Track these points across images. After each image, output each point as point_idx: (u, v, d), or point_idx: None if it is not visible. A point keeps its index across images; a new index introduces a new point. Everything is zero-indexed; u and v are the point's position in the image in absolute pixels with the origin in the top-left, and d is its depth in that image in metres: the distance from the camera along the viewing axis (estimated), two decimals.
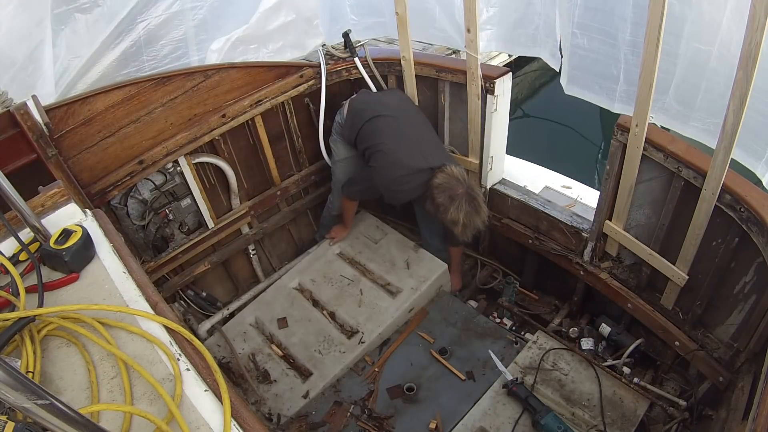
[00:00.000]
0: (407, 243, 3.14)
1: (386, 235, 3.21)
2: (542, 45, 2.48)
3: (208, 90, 2.66)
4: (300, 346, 2.77)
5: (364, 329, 2.77)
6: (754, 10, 1.51)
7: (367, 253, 3.14)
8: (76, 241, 1.56)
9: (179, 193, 2.85)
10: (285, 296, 3.02)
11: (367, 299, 2.91)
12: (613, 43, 2.07)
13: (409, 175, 2.61)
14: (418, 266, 3.00)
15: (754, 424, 1.47)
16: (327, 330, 2.81)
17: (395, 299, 2.87)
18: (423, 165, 2.59)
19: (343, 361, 2.66)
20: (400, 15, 2.64)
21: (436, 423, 2.40)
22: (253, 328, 2.94)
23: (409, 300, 2.85)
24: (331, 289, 3.00)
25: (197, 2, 2.76)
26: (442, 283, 3.01)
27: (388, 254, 3.10)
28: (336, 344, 2.74)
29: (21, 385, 0.80)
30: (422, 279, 2.93)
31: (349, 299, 2.93)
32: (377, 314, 2.82)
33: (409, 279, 2.94)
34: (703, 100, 1.94)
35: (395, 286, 2.94)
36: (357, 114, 2.80)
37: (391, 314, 2.80)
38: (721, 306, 2.24)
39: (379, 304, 2.86)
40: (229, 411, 1.19)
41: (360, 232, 3.26)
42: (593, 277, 2.73)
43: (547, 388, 2.49)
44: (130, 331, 1.38)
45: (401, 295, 2.88)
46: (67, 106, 2.26)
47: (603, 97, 2.23)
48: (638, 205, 2.39)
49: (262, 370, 2.72)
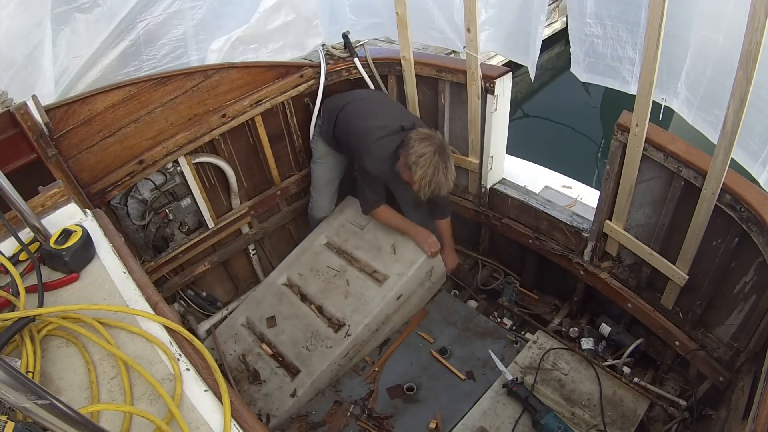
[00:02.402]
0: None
1: (372, 219, 3.07)
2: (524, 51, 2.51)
3: (208, 90, 2.66)
4: (288, 344, 2.75)
5: (350, 321, 2.71)
6: (754, 10, 1.51)
7: (353, 241, 3.05)
8: (76, 241, 1.56)
9: (179, 193, 2.85)
10: (274, 294, 2.99)
11: (354, 290, 2.83)
12: (628, 27, 2.10)
13: (387, 137, 2.66)
14: (405, 249, 2.89)
15: (754, 424, 1.46)
16: (315, 325, 2.77)
17: (382, 287, 2.79)
18: (395, 125, 2.67)
19: (329, 356, 2.61)
20: (400, 15, 2.64)
21: (436, 423, 2.40)
22: (244, 328, 2.94)
23: (395, 287, 2.76)
24: (319, 282, 2.94)
25: (197, 2, 2.76)
26: (432, 265, 2.90)
27: (375, 240, 2.99)
28: (323, 339, 2.70)
29: (21, 385, 0.80)
30: (408, 263, 2.83)
31: (335, 291, 2.86)
32: (363, 305, 2.75)
33: (396, 264, 2.84)
34: (708, 90, 1.95)
35: (382, 273, 2.85)
36: (331, 107, 2.92)
37: (377, 304, 2.73)
38: (721, 306, 2.24)
39: (365, 294, 2.79)
40: (229, 411, 1.19)
41: (346, 219, 3.16)
42: (593, 277, 2.73)
43: (547, 388, 2.49)
44: (130, 331, 1.38)
45: (388, 282, 2.79)
46: (67, 106, 2.26)
47: (619, 80, 2.26)
48: (638, 205, 2.39)
49: (252, 371, 2.72)
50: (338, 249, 3.08)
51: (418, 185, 2.56)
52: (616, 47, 2.19)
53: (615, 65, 2.23)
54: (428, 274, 2.91)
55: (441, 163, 2.53)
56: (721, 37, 1.81)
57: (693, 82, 2.00)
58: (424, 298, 2.99)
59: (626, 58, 2.18)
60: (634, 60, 2.15)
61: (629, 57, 2.16)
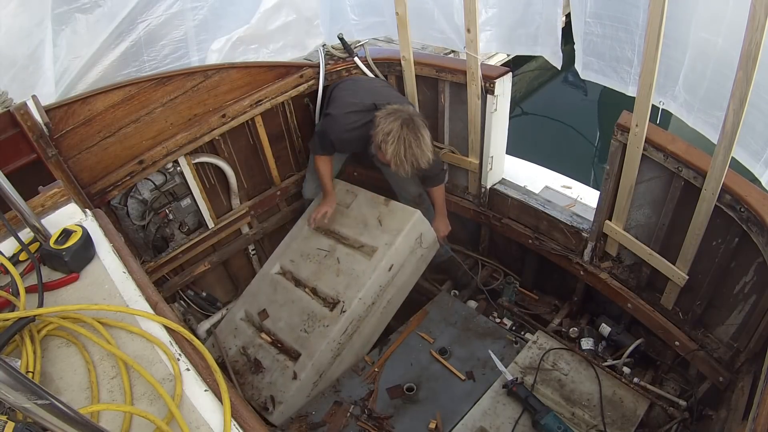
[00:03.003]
0: (377, 199, 2.97)
1: (356, 196, 3.04)
2: (543, 44, 2.49)
3: (208, 90, 2.66)
4: (286, 330, 2.76)
5: (344, 298, 2.69)
6: (754, 10, 1.51)
7: (340, 220, 3.01)
8: (76, 241, 1.56)
9: (179, 193, 2.85)
10: (268, 284, 2.99)
11: (345, 266, 2.81)
12: (626, 28, 2.10)
13: (356, 112, 2.63)
14: (391, 220, 2.84)
15: (754, 424, 1.46)
16: (310, 307, 2.76)
17: (371, 260, 2.75)
18: (369, 102, 2.64)
19: (327, 335, 2.61)
20: (400, 15, 2.64)
21: (436, 423, 2.40)
22: (243, 322, 2.95)
23: (384, 257, 2.72)
24: (310, 265, 2.92)
25: (198, 2, 2.77)
26: (421, 231, 2.84)
27: (360, 215, 2.96)
28: (319, 319, 2.69)
29: (21, 385, 0.80)
30: (395, 232, 2.77)
31: (327, 271, 2.85)
32: (355, 280, 2.72)
33: (383, 235, 2.80)
34: (708, 91, 1.95)
35: (369, 246, 2.82)
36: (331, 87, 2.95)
37: (368, 276, 2.70)
38: (721, 306, 2.24)
39: (356, 269, 2.76)
40: (229, 411, 1.19)
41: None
42: (593, 277, 2.73)
43: (547, 388, 2.49)
44: (130, 331, 1.38)
45: (376, 254, 2.76)
46: (67, 106, 2.27)
47: (617, 81, 2.27)
48: (638, 205, 2.39)
49: (254, 361, 2.73)
50: (326, 231, 3.03)
51: (393, 163, 2.49)
52: (614, 47, 2.20)
53: (613, 65, 2.24)
54: (418, 242, 2.86)
55: (410, 135, 2.43)
56: (720, 39, 1.81)
57: (692, 84, 2.00)
58: (418, 267, 2.96)
59: (624, 59, 2.18)
60: (632, 61, 2.15)
61: (627, 58, 2.17)
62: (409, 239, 2.81)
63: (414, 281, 2.98)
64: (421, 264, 2.97)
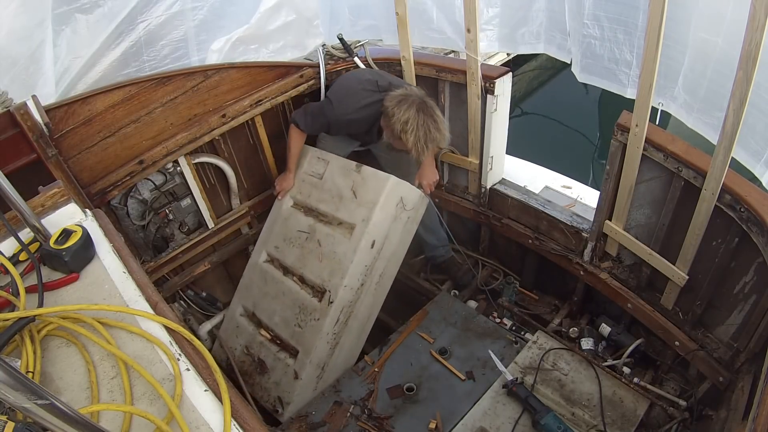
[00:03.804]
0: (349, 165, 2.76)
1: (328, 163, 2.84)
2: (548, 40, 2.48)
3: (208, 90, 2.66)
4: (282, 325, 2.74)
5: (329, 287, 2.62)
6: (754, 11, 1.51)
7: (315, 194, 2.84)
8: (76, 241, 1.56)
9: (179, 193, 2.85)
10: (258, 274, 2.95)
11: (326, 249, 2.69)
12: (625, 29, 2.10)
13: (363, 91, 2.61)
14: (365, 190, 2.65)
15: (754, 424, 1.46)
16: (300, 298, 2.71)
17: (351, 240, 2.61)
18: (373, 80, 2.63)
19: (320, 330, 2.58)
20: (400, 15, 2.64)
21: (436, 423, 2.40)
22: (243, 318, 2.96)
23: (363, 235, 2.58)
24: (294, 250, 2.81)
25: (198, 2, 2.76)
26: (400, 195, 2.64)
27: (335, 187, 2.77)
28: (310, 312, 2.64)
29: (21, 385, 0.80)
30: (370, 204, 2.60)
31: (309, 256, 2.74)
32: (337, 264, 2.62)
33: (359, 209, 2.63)
34: (708, 91, 1.95)
35: (348, 223, 2.66)
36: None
37: (349, 258, 2.59)
38: (721, 306, 2.24)
39: (337, 252, 2.64)
40: (229, 411, 1.19)
41: (304, 173, 2.92)
42: (593, 277, 2.73)
43: (547, 388, 2.49)
44: (130, 331, 1.38)
45: (356, 231, 2.61)
46: (67, 106, 2.27)
47: (616, 83, 2.26)
48: (638, 205, 2.39)
49: (258, 361, 2.74)
50: (304, 207, 2.90)
51: (415, 150, 2.47)
52: (613, 49, 2.19)
53: (612, 67, 2.23)
54: (400, 207, 2.67)
55: (429, 120, 2.42)
56: (720, 39, 1.81)
57: (692, 85, 1.99)
58: (408, 230, 2.79)
59: (623, 61, 2.17)
60: (631, 63, 2.14)
61: (626, 60, 2.16)
62: (388, 208, 2.63)
63: (407, 244, 2.83)
64: (410, 226, 2.79)
